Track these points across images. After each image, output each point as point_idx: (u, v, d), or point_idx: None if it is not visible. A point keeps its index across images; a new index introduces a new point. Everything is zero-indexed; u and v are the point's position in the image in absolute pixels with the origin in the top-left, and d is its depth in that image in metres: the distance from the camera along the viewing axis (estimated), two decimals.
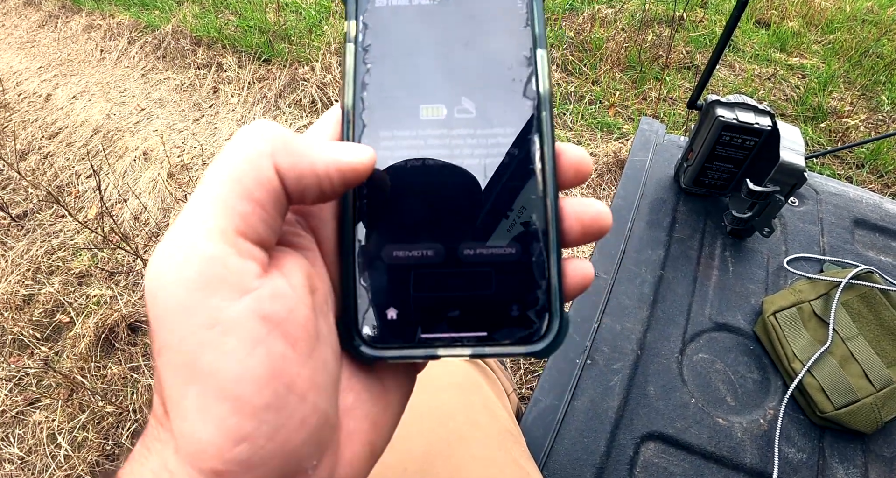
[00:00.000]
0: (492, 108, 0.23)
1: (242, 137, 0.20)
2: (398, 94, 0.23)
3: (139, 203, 2.12)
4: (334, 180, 0.20)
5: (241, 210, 0.19)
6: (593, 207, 0.23)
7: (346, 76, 0.24)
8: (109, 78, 2.93)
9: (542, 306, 0.22)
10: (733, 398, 0.66)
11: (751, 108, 0.77)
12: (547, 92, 0.23)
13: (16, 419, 1.54)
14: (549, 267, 0.22)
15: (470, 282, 0.22)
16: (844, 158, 2.17)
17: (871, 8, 2.99)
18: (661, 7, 2.95)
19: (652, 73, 2.54)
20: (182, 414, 0.17)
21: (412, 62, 0.24)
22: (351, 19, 0.24)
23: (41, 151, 2.47)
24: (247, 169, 0.19)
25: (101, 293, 1.81)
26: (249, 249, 0.19)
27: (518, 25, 0.24)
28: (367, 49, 0.24)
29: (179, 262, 0.18)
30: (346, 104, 0.23)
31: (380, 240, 0.22)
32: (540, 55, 0.24)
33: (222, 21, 3.15)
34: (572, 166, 0.23)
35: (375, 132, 0.23)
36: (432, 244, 0.22)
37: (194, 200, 0.19)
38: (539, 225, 0.22)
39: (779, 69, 2.58)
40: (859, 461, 0.61)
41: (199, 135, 2.48)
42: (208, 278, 0.18)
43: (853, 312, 0.69)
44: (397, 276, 0.22)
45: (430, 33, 0.24)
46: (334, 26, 2.91)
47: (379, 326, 0.22)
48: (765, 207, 0.75)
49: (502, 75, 0.24)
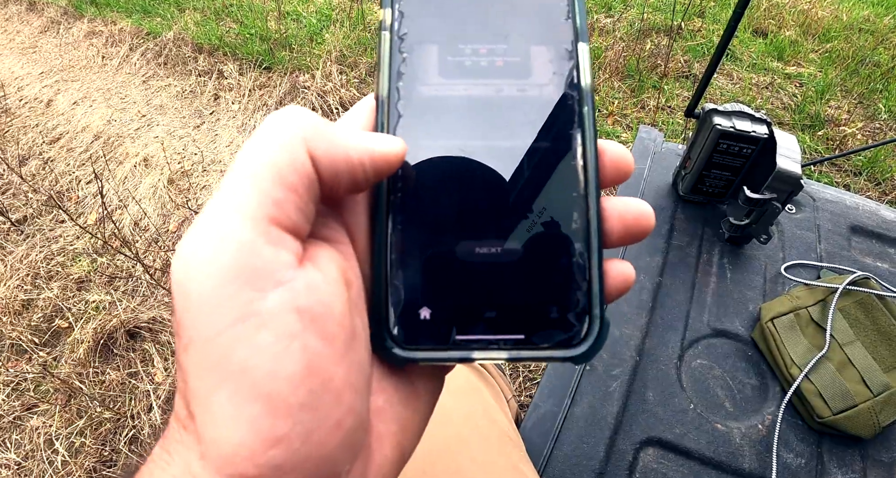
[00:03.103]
0: (531, 101, 0.22)
1: (275, 122, 0.19)
2: (435, 84, 0.22)
3: (139, 209, 2.12)
4: (367, 169, 0.20)
5: (276, 196, 0.18)
6: (636, 206, 0.22)
7: (381, 65, 0.23)
8: (111, 84, 2.95)
9: (582, 309, 0.21)
10: (732, 404, 0.66)
11: (747, 116, 0.77)
12: (589, 87, 0.22)
13: (13, 424, 1.54)
14: (590, 268, 0.21)
15: (508, 282, 0.21)
16: (842, 166, 2.18)
17: (868, 17, 3.02)
18: (660, 16, 2.97)
19: (650, 81, 2.56)
20: (210, 415, 0.16)
21: (448, 52, 0.23)
22: (386, 7, 0.23)
23: (42, 156, 2.48)
24: (281, 153, 0.18)
25: (101, 299, 1.81)
26: (283, 237, 0.18)
27: (559, 17, 0.23)
28: (402, 38, 0.23)
29: (211, 249, 0.17)
30: (380, 94, 0.22)
31: (414, 236, 0.21)
32: (582, 49, 0.23)
33: (223, 29, 3.17)
34: (614, 164, 0.22)
35: (412, 124, 0.22)
36: (468, 242, 0.21)
37: (226, 185, 0.18)
38: (580, 224, 0.21)
39: (776, 78, 2.60)
40: (857, 467, 0.61)
41: (200, 141, 2.49)
42: (241, 268, 0.17)
43: (850, 317, 0.70)
44: (431, 274, 0.21)
45: (467, 24, 0.23)
46: (335, 34, 2.93)
47: (412, 326, 0.21)
48: (762, 215, 0.75)
49: (543, 68, 0.23)
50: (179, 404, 0.18)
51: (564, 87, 0.22)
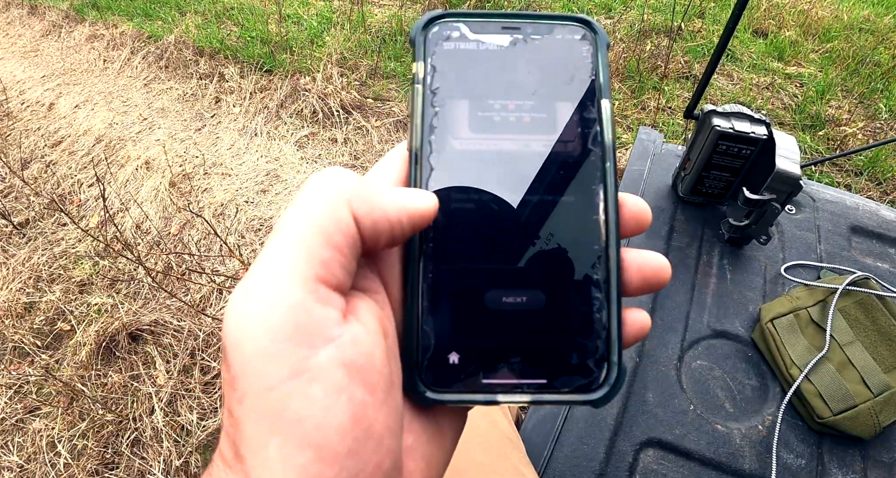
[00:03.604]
0: (557, 156, 0.23)
1: (318, 184, 0.21)
2: (465, 138, 0.24)
3: (141, 212, 2.13)
4: (404, 225, 0.21)
5: (323, 256, 0.19)
6: (655, 261, 0.23)
7: (414, 118, 0.24)
8: (112, 87, 2.96)
9: (601, 355, 0.22)
10: (732, 405, 0.66)
11: (747, 117, 0.78)
12: (611, 143, 0.24)
13: (15, 427, 1.54)
14: (609, 317, 0.22)
15: (532, 329, 0.22)
16: (843, 166, 2.18)
17: (868, 16, 3.01)
18: (660, 17, 2.98)
19: (650, 82, 2.56)
20: (262, 460, 0.17)
21: (478, 107, 0.24)
22: (419, 60, 0.24)
23: (44, 159, 2.49)
24: (327, 215, 0.20)
25: (103, 302, 1.81)
26: (330, 295, 0.19)
27: (583, 74, 0.24)
28: (434, 92, 0.24)
29: (264, 309, 0.18)
30: (413, 146, 0.24)
31: (444, 284, 0.22)
32: (604, 106, 0.24)
33: (224, 32, 3.18)
34: (633, 217, 0.24)
35: (443, 176, 0.23)
36: (496, 290, 0.22)
37: (276, 246, 0.19)
38: (601, 275, 0.23)
39: (776, 78, 2.60)
40: (858, 467, 0.61)
41: (201, 144, 2.50)
42: (294, 327, 0.18)
43: (850, 318, 0.70)
44: (461, 321, 0.22)
45: (496, 80, 0.24)
46: (335, 37, 2.93)
47: (441, 370, 0.22)
48: (762, 215, 0.75)
49: (568, 124, 0.24)
50: (226, 446, 0.19)
51: (588, 143, 0.24)
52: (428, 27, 0.25)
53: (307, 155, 2.39)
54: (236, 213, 2.11)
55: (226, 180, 2.29)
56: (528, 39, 0.25)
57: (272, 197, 2.19)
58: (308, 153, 2.40)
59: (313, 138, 2.48)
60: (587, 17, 0.25)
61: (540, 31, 0.25)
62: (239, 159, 2.40)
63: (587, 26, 0.25)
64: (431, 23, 0.25)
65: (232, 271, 1.90)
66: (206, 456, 1.45)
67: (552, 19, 0.25)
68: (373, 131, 2.43)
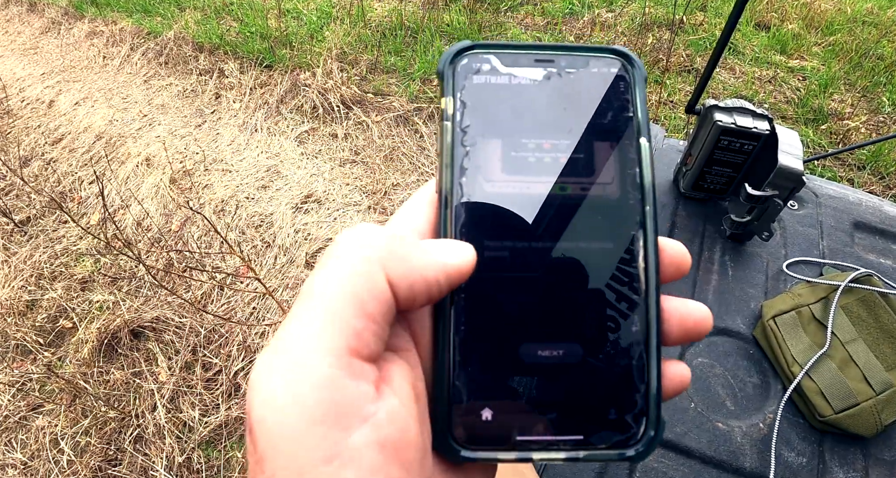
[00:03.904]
0: (594, 200, 0.22)
1: (349, 244, 0.19)
2: (498, 181, 0.22)
3: (142, 209, 2.13)
4: (441, 284, 0.20)
5: (356, 327, 0.18)
6: (697, 311, 0.22)
7: (444, 157, 0.22)
8: (112, 84, 2.95)
9: (639, 410, 0.21)
10: (733, 403, 0.66)
11: (749, 112, 0.77)
12: (650, 185, 0.22)
13: (19, 424, 1.55)
14: (648, 370, 0.21)
15: (568, 384, 0.21)
16: (846, 161, 2.17)
17: (872, 9, 2.99)
18: (661, 10, 2.96)
19: (652, 76, 2.55)
20: None
21: (511, 147, 0.23)
22: (448, 96, 0.23)
23: (44, 157, 2.49)
24: (361, 281, 0.18)
25: (104, 299, 1.81)
26: (363, 368, 0.18)
27: (620, 110, 0.23)
28: (465, 130, 0.23)
29: (294, 388, 0.17)
30: (443, 188, 0.22)
31: (476, 338, 0.21)
32: (643, 145, 0.23)
33: (224, 27, 3.17)
34: (673, 263, 0.23)
35: (474, 222, 0.22)
36: (530, 344, 0.21)
37: (306, 315, 0.18)
38: (640, 326, 0.21)
39: (779, 72, 2.58)
40: (859, 465, 0.61)
41: (202, 141, 2.50)
42: (326, 408, 0.17)
43: (853, 315, 0.69)
44: (494, 376, 0.21)
45: (530, 117, 0.23)
46: (335, 32, 2.92)
47: (473, 427, 0.21)
48: (764, 211, 0.75)
49: (606, 166, 0.23)
50: None
51: (627, 186, 0.22)
52: (456, 59, 0.24)
53: (307, 150, 2.39)
54: (237, 209, 2.11)
55: (226, 177, 2.29)
56: (563, 73, 0.24)
57: (273, 193, 2.19)
58: (308, 149, 2.40)
59: (313, 134, 2.47)
60: (625, 49, 0.24)
61: (575, 64, 0.24)
62: (239, 155, 2.40)
63: (625, 59, 0.24)
64: (460, 55, 0.24)
65: (232, 268, 1.90)
66: (209, 453, 1.46)
67: (588, 51, 0.24)
68: (373, 126, 2.42)
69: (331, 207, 2.10)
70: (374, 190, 2.15)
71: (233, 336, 1.68)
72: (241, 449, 1.46)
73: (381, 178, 2.20)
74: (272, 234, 2.00)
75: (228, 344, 1.67)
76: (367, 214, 2.06)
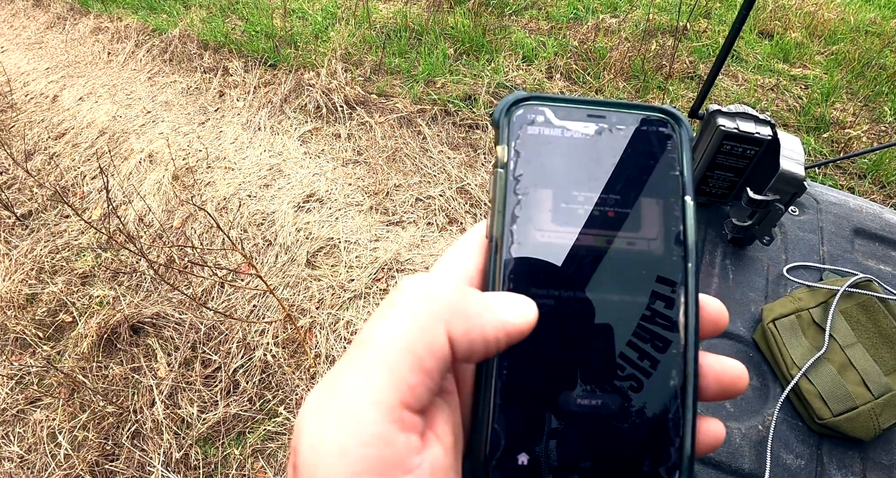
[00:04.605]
0: (639, 255, 0.23)
1: (412, 296, 0.20)
2: (548, 230, 0.23)
3: (144, 205, 2.13)
4: (500, 343, 0.20)
5: (411, 382, 0.18)
6: (734, 370, 0.23)
7: (496, 204, 0.23)
8: (116, 80, 2.96)
9: (672, 464, 0.21)
10: (732, 404, 0.66)
11: (751, 117, 0.77)
12: (693, 243, 0.23)
13: (16, 418, 1.55)
14: (684, 424, 0.22)
15: (605, 434, 0.22)
16: (846, 169, 2.18)
17: (874, 19, 3.01)
18: (665, 17, 2.97)
19: (655, 82, 2.56)
20: None
21: (562, 198, 0.23)
22: (503, 144, 0.24)
23: (47, 151, 2.49)
24: (421, 337, 0.19)
25: (105, 294, 1.82)
26: (412, 420, 0.18)
27: (667, 168, 0.24)
28: (518, 179, 0.23)
29: (343, 440, 0.17)
30: (494, 234, 0.23)
31: (518, 384, 0.22)
32: (688, 204, 0.23)
33: (229, 26, 3.18)
34: (712, 321, 0.23)
35: (523, 270, 0.23)
36: (570, 392, 0.22)
37: (362, 365, 0.18)
38: (677, 382, 0.22)
39: (781, 80, 2.59)
40: (857, 468, 0.61)
41: (205, 138, 2.50)
42: (373, 460, 0.17)
43: (852, 320, 0.70)
44: (532, 422, 0.22)
45: (581, 170, 0.24)
46: (340, 32, 2.93)
47: (509, 470, 0.21)
48: (765, 216, 0.75)
49: (652, 222, 0.23)
50: None
51: (672, 243, 0.23)
52: (512, 110, 0.24)
53: (310, 150, 2.39)
54: (239, 207, 2.11)
55: (229, 174, 2.29)
56: (614, 129, 0.24)
57: (275, 191, 2.19)
58: (311, 148, 2.40)
59: (317, 133, 2.48)
60: (674, 109, 0.25)
61: (625, 121, 0.25)
62: (242, 153, 2.40)
63: (673, 119, 0.25)
64: (516, 105, 0.24)
65: (234, 265, 1.91)
66: (206, 449, 1.46)
67: (639, 109, 0.25)
68: (376, 127, 2.43)
69: (333, 207, 2.11)
70: (377, 191, 2.15)
71: (233, 333, 1.68)
72: (239, 447, 1.46)
73: (383, 178, 2.20)
74: (274, 232, 2.01)
75: (228, 341, 1.67)
76: (368, 214, 2.06)
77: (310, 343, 1.66)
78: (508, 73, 2.64)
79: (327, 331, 1.69)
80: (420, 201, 2.11)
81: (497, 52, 2.75)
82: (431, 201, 2.10)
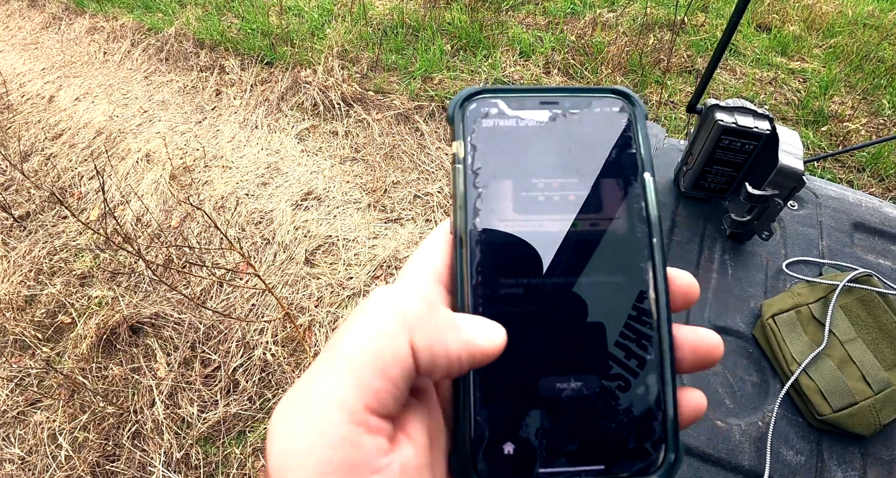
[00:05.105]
0: (603, 235, 0.23)
1: (380, 306, 0.20)
2: (511, 220, 0.23)
3: (141, 205, 2.13)
4: (463, 362, 0.20)
5: (375, 387, 0.19)
6: (709, 338, 0.23)
7: (457, 199, 0.23)
8: (112, 80, 2.95)
9: (658, 438, 0.22)
10: (732, 401, 0.66)
11: (750, 112, 0.77)
12: (656, 218, 0.23)
13: (17, 419, 1.55)
14: (664, 398, 0.22)
15: (587, 415, 0.22)
16: (845, 162, 2.17)
17: (873, 12, 2.99)
18: (663, 11, 2.96)
19: (653, 76, 2.55)
20: None
21: (522, 187, 0.24)
22: (459, 139, 0.24)
23: (44, 152, 2.48)
24: (385, 345, 0.19)
25: (103, 294, 1.81)
26: (378, 424, 0.19)
27: (624, 148, 0.24)
28: (476, 172, 0.24)
29: (311, 441, 0.18)
30: (458, 230, 0.23)
31: (496, 374, 0.22)
32: (647, 180, 0.24)
33: (225, 24, 3.16)
34: (682, 293, 0.23)
35: (489, 261, 0.23)
36: (549, 378, 0.22)
37: (328, 371, 0.19)
38: (654, 356, 0.22)
39: (780, 73, 2.58)
40: (857, 464, 0.61)
41: (202, 137, 2.49)
42: (340, 463, 0.18)
43: (852, 315, 0.69)
44: (514, 410, 0.22)
45: (538, 157, 0.24)
46: (336, 29, 2.92)
47: (496, 461, 0.21)
48: (764, 211, 0.75)
49: (613, 201, 0.23)
50: None
51: (635, 220, 0.23)
52: (465, 104, 0.25)
53: (308, 148, 2.39)
54: (237, 205, 2.11)
55: (226, 173, 2.28)
56: (567, 114, 0.25)
57: (272, 190, 2.19)
58: (309, 146, 2.40)
59: (314, 131, 2.47)
60: (625, 88, 0.25)
61: (578, 105, 0.25)
62: (239, 152, 2.39)
63: (625, 98, 0.25)
64: (468, 99, 0.25)
65: (232, 264, 1.90)
66: (207, 449, 1.46)
67: (590, 92, 0.25)
68: (374, 124, 2.42)
69: (331, 205, 2.10)
70: (374, 188, 2.15)
71: (232, 333, 1.68)
72: (240, 446, 1.46)
73: (381, 175, 2.20)
74: (272, 231, 2.00)
75: (227, 340, 1.67)
76: (366, 211, 2.06)
77: (309, 341, 1.66)
78: (506, 69, 2.63)
79: (326, 329, 1.69)
80: (418, 198, 2.11)
81: (494, 47, 2.74)
82: (430, 198, 2.10)
